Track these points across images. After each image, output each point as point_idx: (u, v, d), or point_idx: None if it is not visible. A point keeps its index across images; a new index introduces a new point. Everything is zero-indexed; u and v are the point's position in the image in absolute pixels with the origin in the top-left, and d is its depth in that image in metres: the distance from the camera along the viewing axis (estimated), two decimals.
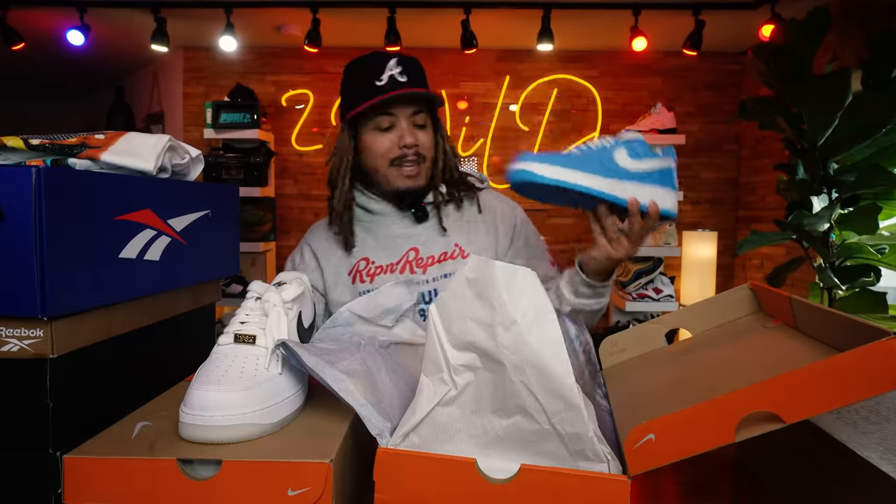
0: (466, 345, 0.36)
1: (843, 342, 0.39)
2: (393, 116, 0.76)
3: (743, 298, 0.57)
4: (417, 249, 0.80)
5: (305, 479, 0.36)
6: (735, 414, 0.33)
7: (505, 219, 0.85)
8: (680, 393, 0.44)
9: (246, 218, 2.51)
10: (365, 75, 0.76)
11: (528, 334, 0.35)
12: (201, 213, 0.58)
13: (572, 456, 0.35)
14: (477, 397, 0.36)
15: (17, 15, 2.44)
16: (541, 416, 0.35)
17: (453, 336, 0.37)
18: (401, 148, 0.76)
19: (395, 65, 0.75)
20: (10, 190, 0.38)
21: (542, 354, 0.34)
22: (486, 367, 0.36)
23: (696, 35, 2.36)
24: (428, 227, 0.82)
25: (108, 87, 3.69)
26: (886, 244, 1.63)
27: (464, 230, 0.82)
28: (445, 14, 2.41)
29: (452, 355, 0.37)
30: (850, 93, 1.53)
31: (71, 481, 0.37)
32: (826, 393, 0.32)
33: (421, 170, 0.78)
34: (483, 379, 0.36)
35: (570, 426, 0.34)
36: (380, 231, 0.81)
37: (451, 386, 0.36)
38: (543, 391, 0.34)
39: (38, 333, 0.39)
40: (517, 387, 0.35)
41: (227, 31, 2.40)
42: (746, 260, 2.89)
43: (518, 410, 0.35)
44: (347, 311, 0.56)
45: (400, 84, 0.74)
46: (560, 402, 0.34)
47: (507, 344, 0.35)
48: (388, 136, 0.77)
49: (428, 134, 0.79)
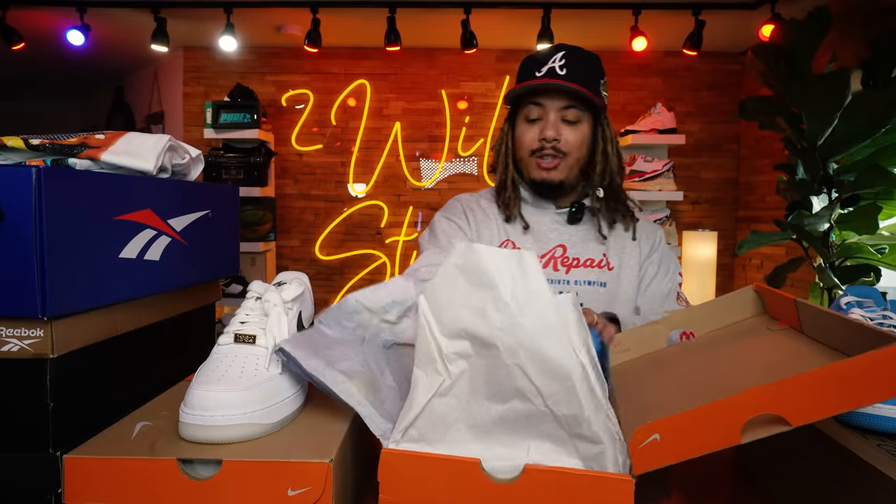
0: (458, 332, 0.36)
1: (848, 346, 0.39)
2: (542, 108, 0.75)
3: (748, 300, 0.57)
4: (565, 248, 0.79)
5: (305, 479, 0.36)
6: (741, 416, 0.33)
7: (652, 254, 0.82)
8: (685, 393, 0.44)
9: (246, 218, 2.51)
10: (532, 64, 0.76)
11: (520, 316, 0.34)
12: (201, 212, 0.58)
13: (571, 437, 0.35)
14: (472, 385, 0.36)
15: (16, 15, 2.44)
16: (536, 398, 0.34)
17: (444, 325, 0.36)
18: (540, 140, 0.75)
19: (560, 57, 0.74)
20: (11, 190, 0.37)
21: (536, 336, 0.34)
22: (479, 353, 0.36)
23: (696, 35, 2.37)
24: (581, 229, 0.81)
25: (109, 87, 3.69)
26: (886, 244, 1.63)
27: (617, 250, 0.80)
28: (445, 14, 2.41)
29: (445, 344, 0.36)
30: (850, 93, 1.53)
31: (71, 481, 0.37)
32: (833, 397, 0.32)
33: (560, 164, 0.76)
34: (477, 366, 0.36)
35: (565, 408, 0.34)
36: (532, 219, 0.81)
37: (445, 376, 0.36)
38: (538, 373, 0.34)
39: (38, 333, 0.39)
40: (511, 370, 0.35)
41: (227, 31, 2.40)
42: (746, 260, 2.89)
43: (514, 394, 0.35)
44: (354, 300, 0.56)
45: (556, 76, 0.73)
46: (555, 384, 0.34)
47: (500, 326, 0.35)
48: (534, 127, 0.76)
49: (577, 131, 0.76)
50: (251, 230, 2.53)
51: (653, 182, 2.40)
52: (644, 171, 2.40)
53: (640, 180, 2.41)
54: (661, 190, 2.40)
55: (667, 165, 2.39)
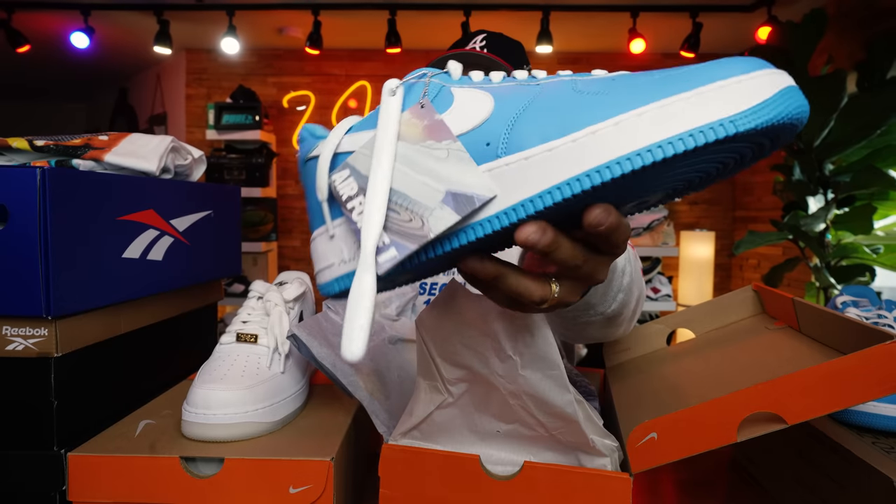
0: (457, 363, 0.35)
1: (846, 345, 0.40)
2: None
3: (746, 300, 0.57)
4: None
5: (307, 477, 0.36)
6: (737, 414, 0.33)
7: None
8: (682, 392, 0.44)
9: (248, 218, 2.52)
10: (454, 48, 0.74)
11: (523, 369, 0.33)
12: (203, 213, 0.58)
13: (574, 451, 0.35)
14: (475, 403, 0.35)
15: (22, 17, 2.44)
16: (540, 428, 0.35)
17: (443, 355, 0.35)
18: None
19: (481, 39, 0.72)
20: (15, 190, 0.38)
21: (540, 387, 0.33)
22: (479, 382, 0.35)
23: (693, 37, 2.38)
24: None
25: (112, 89, 3.70)
26: (881, 244, 1.63)
27: None
28: (446, 16, 2.42)
29: (445, 368, 0.35)
30: (846, 95, 1.54)
31: (75, 479, 0.37)
32: (829, 395, 0.32)
33: None
34: (478, 391, 0.35)
35: (570, 436, 0.34)
36: None
37: (446, 395, 0.36)
38: (542, 413, 0.34)
39: (42, 332, 0.39)
40: (514, 408, 0.34)
41: (229, 33, 2.41)
42: (743, 260, 2.90)
43: (516, 420, 0.35)
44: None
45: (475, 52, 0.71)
46: (559, 422, 0.34)
47: (502, 374, 0.33)
48: None
49: None
50: (253, 230, 2.53)
51: None
52: None
53: None
54: None
55: None
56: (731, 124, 0.20)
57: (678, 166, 0.23)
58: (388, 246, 0.24)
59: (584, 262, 0.26)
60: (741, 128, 0.20)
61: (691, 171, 0.25)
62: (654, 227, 2.40)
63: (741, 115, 0.20)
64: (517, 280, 0.26)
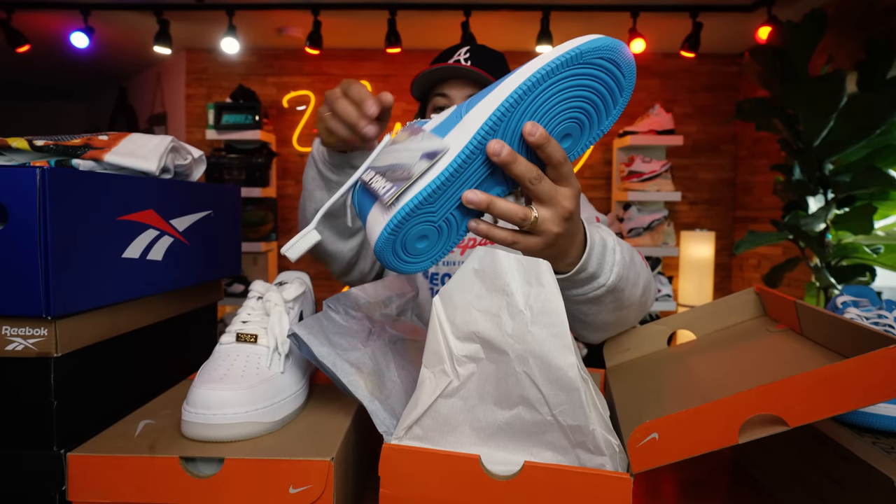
0: (470, 335, 0.36)
1: (848, 348, 0.40)
2: (447, 98, 0.74)
3: (748, 302, 0.57)
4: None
5: (306, 477, 0.36)
6: (739, 415, 0.33)
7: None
8: (684, 393, 0.44)
9: (247, 218, 2.52)
10: (438, 60, 0.75)
11: (532, 325, 0.35)
12: (203, 213, 0.58)
13: (574, 447, 0.35)
14: (479, 388, 0.36)
15: (21, 17, 2.44)
16: (543, 407, 0.35)
17: (457, 327, 0.37)
18: None
19: (465, 51, 0.73)
20: (15, 190, 0.38)
21: (546, 345, 0.34)
22: (489, 357, 0.36)
23: (693, 37, 2.38)
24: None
25: (112, 89, 3.70)
26: (882, 244, 1.64)
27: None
28: (446, 16, 2.42)
29: (456, 346, 0.37)
30: (845, 94, 1.54)
31: (75, 479, 0.37)
32: (831, 398, 0.32)
33: None
34: (486, 370, 0.36)
35: (571, 418, 0.35)
36: None
37: (452, 377, 0.36)
38: (546, 382, 0.35)
39: (42, 332, 0.39)
40: (520, 377, 0.35)
41: (229, 33, 2.41)
42: (744, 260, 2.90)
43: (520, 401, 0.35)
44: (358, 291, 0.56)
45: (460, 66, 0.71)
46: (562, 394, 0.34)
47: (511, 333, 0.35)
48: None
49: None
50: (253, 230, 2.53)
51: (651, 183, 2.41)
52: (643, 172, 2.41)
53: (638, 181, 2.42)
54: (659, 190, 2.40)
55: (665, 166, 2.40)
56: (563, 55, 0.36)
57: (555, 90, 0.37)
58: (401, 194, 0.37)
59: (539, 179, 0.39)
60: (568, 56, 0.36)
61: (572, 101, 0.38)
62: (655, 227, 2.40)
63: (568, 51, 0.36)
64: (505, 204, 0.39)
